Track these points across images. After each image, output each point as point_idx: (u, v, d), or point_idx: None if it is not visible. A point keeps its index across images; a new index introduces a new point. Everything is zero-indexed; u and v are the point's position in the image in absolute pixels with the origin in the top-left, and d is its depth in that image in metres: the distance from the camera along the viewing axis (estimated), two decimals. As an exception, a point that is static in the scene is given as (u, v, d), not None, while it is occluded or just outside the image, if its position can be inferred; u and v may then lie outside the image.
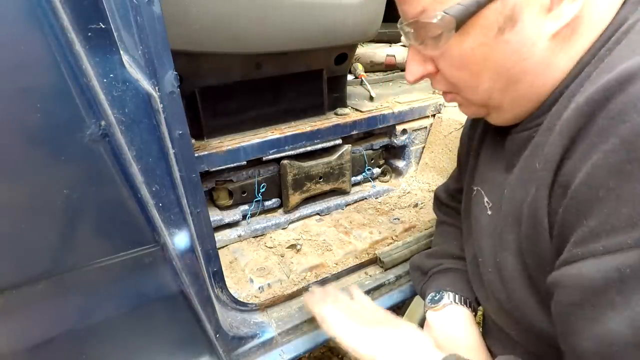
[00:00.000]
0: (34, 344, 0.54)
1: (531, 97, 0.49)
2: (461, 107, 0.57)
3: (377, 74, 1.47)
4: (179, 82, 0.53)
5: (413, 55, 0.52)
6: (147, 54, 0.50)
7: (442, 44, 0.46)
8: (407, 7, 0.47)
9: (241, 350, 0.71)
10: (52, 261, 0.50)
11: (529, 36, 0.43)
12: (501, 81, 0.47)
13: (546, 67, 0.46)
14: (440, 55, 0.49)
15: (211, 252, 0.66)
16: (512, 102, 0.50)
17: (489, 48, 0.45)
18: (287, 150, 0.95)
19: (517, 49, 0.44)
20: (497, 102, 0.50)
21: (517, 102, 0.50)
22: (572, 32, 0.44)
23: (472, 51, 0.46)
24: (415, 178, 1.22)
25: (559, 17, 0.42)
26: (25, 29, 0.40)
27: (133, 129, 0.50)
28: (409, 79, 0.53)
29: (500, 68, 0.46)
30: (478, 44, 0.45)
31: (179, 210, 0.57)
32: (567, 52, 0.45)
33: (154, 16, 0.49)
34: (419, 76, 0.53)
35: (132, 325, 0.61)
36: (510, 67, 0.46)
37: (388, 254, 0.89)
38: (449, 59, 0.48)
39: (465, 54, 0.46)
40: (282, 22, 0.81)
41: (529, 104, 0.50)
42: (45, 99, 0.43)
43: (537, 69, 0.46)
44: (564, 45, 0.44)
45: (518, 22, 0.43)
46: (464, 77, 0.49)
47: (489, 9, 0.42)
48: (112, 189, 0.50)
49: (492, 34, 0.44)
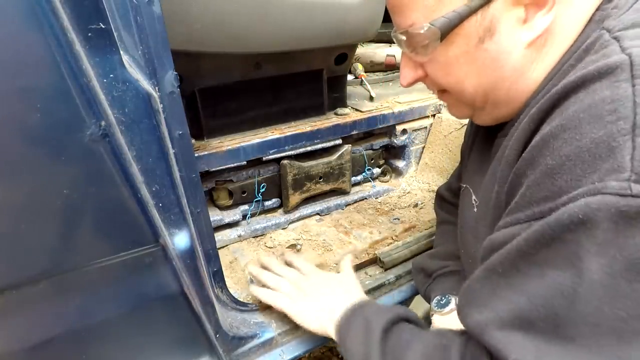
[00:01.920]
0: (34, 344, 0.54)
1: (508, 103, 0.53)
2: (449, 108, 0.63)
3: (377, 74, 1.47)
4: (179, 82, 0.53)
5: (406, 61, 0.57)
6: (147, 54, 0.50)
7: (429, 52, 0.51)
8: (399, 18, 0.52)
9: (241, 350, 0.71)
10: (52, 261, 0.50)
11: (506, 45, 0.48)
12: (482, 86, 0.52)
13: (521, 75, 0.50)
14: (429, 62, 0.54)
15: (211, 252, 0.66)
16: (492, 105, 0.55)
17: (470, 56, 0.50)
18: (287, 150, 0.95)
19: (495, 57, 0.49)
20: (480, 104, 0.55)
21: (496, 106, 0.55)
22: (544, 43, 0.48)
23: (456, 59, 0.51)
24: (415, 178, 1.22)
25: (533, 27, 0.46)
26: (25, 28, 0.40)
27: (133, 129, 0.50)
28: (403, 83, 0.59)
29: (481, 74, 0.51)
30: (461, 52, 0.50)
31: (179, 210, 0.57)
32: (540, 63, 0.49)
33: (154, 16, 0.49)
34: (412, 80, 0.58)
35: (132, 325, 0.61)
36: (489, 74, 0.50)
37: (388, 254, 0.89)
38: (437, 65, 0.53)
39: (450, 61, 0.51)
40: (282, 22, 0.81)
41: (506, 109, 0.55)
42: (45, 99, 0.43)
43: (512, 77, 0.50)
44: (537, 55, 0.49)
45: (496, 33, 0.47)
46: (451, 81, 0.54)
47: (470, 21, 0.47)
48: (112, 189, 0.50)
49: (473, 43, 0.48)
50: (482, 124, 0.61)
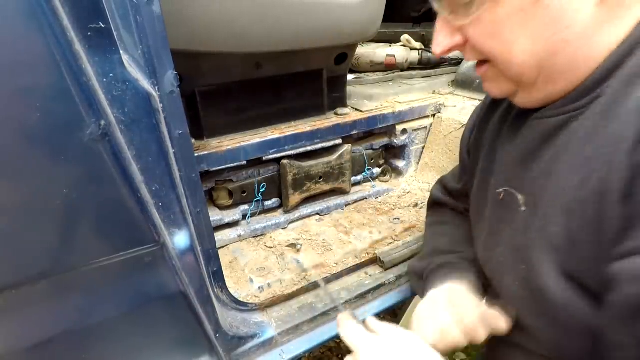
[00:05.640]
0: (34, 344, 0.53)
1: (569, 73, 0.45)
2: (487, 84, 0.53)
3: (377, 74, 1.47)
4: (178, 82, 0.53)
5: (441, 26, 0.48)
6: (147, 53, 0.50)
7: (473, 11, 0.43)
8: None
9: (241, 350, 0.71)
10: (52, 261, 0.50)
11: (571, 1, 0.40)
12: (538, 52, 0.43)
13: (590, 39, 0.41)
14: (472, 24, 0.45)
15: (211, 252, 0.66)
16: (547, 78, 0.46)
17: (526, 14, 0.41)
18: (287, 150, 0.95)
19: (557, 16, 0.41)
20: (531, 77, 0.46)
21: (552, 78, 0.46)
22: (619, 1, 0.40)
23: (507, 17, 0.42)
24: (415, 178, 1.22)
25: None
26: (25, 28, 0.40)
27: (133, 128, 0.50)
28: (436, 50, 0.50)
29: (538, 37, 0.42)
30: (514, 10, 0.41)
31: (179, 210, 0.57)
32: (615, 24, 0.41)
33: (154, 16, 0.49)
34: (447, 48, 0.49)
35: (132, 325, 0.61)
36: (549, 36, 0.42)
37: (388, 254, 0.89)
38: (481, 27, 0.45)
39: (499, 20, 0.43)
40: (282, 22, 0.81)
41: (564, 81, 0.46)
42: (45, 98, 0.43)
43: (579, 40, 0.42)
44: (610, 15, 0.40)
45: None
46: (497, 47, 0.45)
47: None
48: (112, 189, 0.50)
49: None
50: (528, 105, 0.51)
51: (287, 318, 0.77)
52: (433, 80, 1.40)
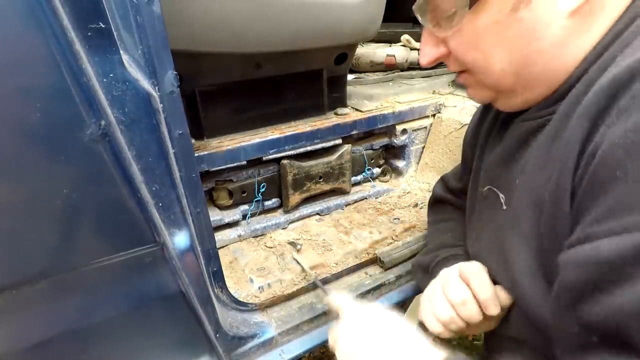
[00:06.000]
0: (34, 344, 0.53)
1: (544, 81, 0.47)
2: (470, 90, 0.56)
3: (377, 74, 1.47)
4: (178, 82, 0.53)
5: (426, 38, 0.52)
6: (147, 53, 0.50)
7: (455, 23, 0.46)
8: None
9: (241, 350, 0.71)
10: (51, 261, 0.50)
11: (544, 14, 0.42)
12: (514, 62, 0.46)
13: (562, 48, 0.44)
14: (453, 36, 0.48)
15: (211, 252, 0.66)
16: (524, 85, 0.49)
17: (502, 26, 0.44)
18: (287, 150, 0.95)
19: (531, 28, 0.43)
20: (508, 85, 0.49)
21: (529, 85, 0.48)
22: (590, 11, 0.42)
23: (485, 29, 0.45)
24: (415, 178, 1.22)
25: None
26: (25, 28, 0.40)
27: (133, 128, 0.50)
28: (423, 61, 0.53)
29: (513, 48, 0.45)
30: (491, 22, 0.44)
31: (179, 210, 0.57)
32: (585, 33, 0.43)
33: (154, 16, 0.49)
34: (432, 58, 0.52)
35: (132, 325, 0.61)
36: (523, 47, 0.45)
37: (388, 254, 0.89)
38: (462, 38, 0.48)
39: (478, 32, 0.46)
40: (282, 22, 0.81)
41: (541, 88, 0.48)
42: (45, 98, 0.43)
43: (552, 50, 0.44)
44: (581, 25, 0.43)
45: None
46: (477, 57, 0.48)
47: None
48: (112, 189, 0.50)
49: (505, 11, 0.43)
50: (509, 109, 0.54)
51: (287, 318, 0.77)
52: (433, 80, 1.40)
